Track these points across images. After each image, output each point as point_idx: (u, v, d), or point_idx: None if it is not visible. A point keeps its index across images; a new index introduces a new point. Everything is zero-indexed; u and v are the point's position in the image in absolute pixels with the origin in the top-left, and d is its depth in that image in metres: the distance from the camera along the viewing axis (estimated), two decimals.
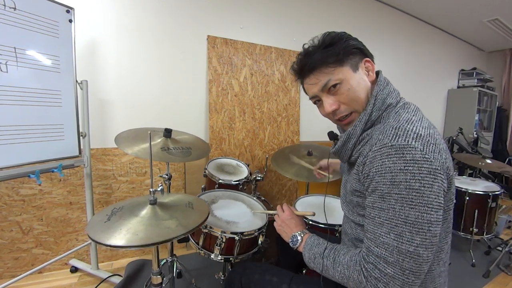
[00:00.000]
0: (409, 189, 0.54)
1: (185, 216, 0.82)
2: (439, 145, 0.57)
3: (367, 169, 0.61)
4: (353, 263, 0.63)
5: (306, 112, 2.50)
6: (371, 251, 0.59)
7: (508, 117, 4.37)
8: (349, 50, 0.68)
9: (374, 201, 0.59)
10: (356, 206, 0.71)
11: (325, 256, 0.70)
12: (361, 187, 0.66)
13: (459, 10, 3.10)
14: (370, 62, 0.72)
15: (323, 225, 1.17)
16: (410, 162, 0.54)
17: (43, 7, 1.18)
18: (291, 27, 2.38)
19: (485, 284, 1.74)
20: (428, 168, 0.53)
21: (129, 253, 1.87)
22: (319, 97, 0.73)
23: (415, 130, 0.57)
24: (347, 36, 0.71)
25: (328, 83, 0.68)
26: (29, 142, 1.16)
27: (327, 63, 0.68)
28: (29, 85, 1.15)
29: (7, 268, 1.54)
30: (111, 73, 1.72)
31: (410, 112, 0.64)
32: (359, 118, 0.69)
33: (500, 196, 1.93)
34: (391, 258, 0.56)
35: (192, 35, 1.95)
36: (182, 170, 1.99)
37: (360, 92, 0.69)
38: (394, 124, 0.60)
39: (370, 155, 0.60)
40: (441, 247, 0.65)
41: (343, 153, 0.74)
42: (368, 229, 0.61)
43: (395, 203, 0.55)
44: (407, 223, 0.54)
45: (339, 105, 0.70)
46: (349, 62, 0.69)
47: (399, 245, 0.55)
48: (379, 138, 0.60)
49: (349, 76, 0.68)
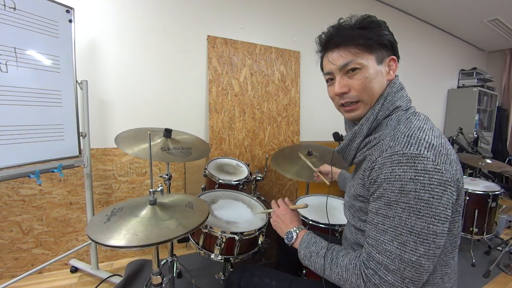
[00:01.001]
0: (418, 199, 0.53)
1: (185, 217, 0.82)
2: (451, 156, 0.57)
3: (375, 174, 0.59)
4: (352, 266, 0.63)
5: (306, 112, 2.50)
6: (372, 257, 0.59)
7: (508, 117, 4.37)
8: (382, 41, 0.66)
9: (379, 207, 0.58)
10: (358, 211, 0.70)
11: (323, 255, 0.70)
12: (366, 192, 0.65)
13: (459, 10, 3.10)
14: (395, 61, 0.71)
15: (324, 225, 1.17)
16: (421, 172, 0.53)
17: (43, 7, 1.18)
18: (291, 27, 2.38)
19: (485, 284, 1.74)
20: (439, 180, 0.52)
21: (129, 253, 1.87)
22: (334, 75, 0.70)
23: (428, 140, 0.56)
24: (385, 26, 0.69)
25: (349, 63, 0.66)
26: (29, 142, 1.16)
27: (356, 43, 0.65)
28: (29, 85, 1.15)
29: (7, 268, 1.54)
30: (111, 73, 1.72)
31: (421, 120, 0.63)
32: (366, 117, 0.68)
33: (500, 196, 1.93)
34: (392, 266, 0.55)
35: (192, 35, 1.95)
36: (182, 170, 1.99)
37: (375, 85, 0.67)
38: (406, 132, 0.59)
39: (380, 161, 0.59)
40: (446, 261, 0.64)
41: (347, 152, 0.73)
42: (370, 235, 0.61)
43: (402, 212, 0.54)
44: (412, 232, 0.54)
45: (349, 89, 0.68)
46: (377, 52, 0.67)
47: (402, 253, 0.54)
48: (390, 144, 0.59)
49: (371, 65, 0.66)
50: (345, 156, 0.75)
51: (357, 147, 0.69)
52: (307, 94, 2.48)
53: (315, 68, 2.79)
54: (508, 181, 3.70)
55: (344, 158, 0.76)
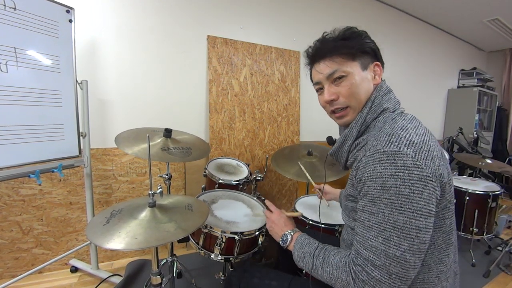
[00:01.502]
0: (399, 194, 0.54)
1: (184, 219, 0.82)
2: (433, 152, 0.58)
3: (360, 173, 0.62)
4: (342, 264, 0.64)
5: (306, 112, 2.50)
6: (360, 253, 0.60)
7: (508, 117, 4.36)
8: (364, 49, 0.71)
9: (364, 204, 0.60)
10: (351, 211, 0.72)
11: (315, 255, 0.71)
12: (355, 192, 0.67)
13: (459, 10, 3.10)
14: (379, 66, 0.74)
15: (324, 225, 1.17)
16: (400, 168, 0.54)
17: (43, 7, 1.18)
18: (291, 27, 2.38)
19: (485, 284, 1.74)
20: (418, 175, 0.54)
21: (129, 253, 1.87)
22: (322, 84, 0.75)
23: (408, 137, 0.58)
24: (366, 35, 0.74)
25: (335, 72, 0.70)
26: (29, 142, 1.16)
27: (339, 53, 0.70)
28: (29, 85, 1.15)
29: (7, 268, 1.54)
30: (111, 73, 1.72)
31: (406, 120, 0.65)
32: (355, 120, 0.71)
33: (500, 196, 1.93)
34: (378, 262, 0.56)
35: (192, 35, 1.95)
36: (182, 170, 1.99)
37: (361, 90, 0.71)
38: (389, 131, 0.61)
39: (364, 160, 0.61)
40: (441, 259, 0.64)
41: (340, 155, 0.76)
42: (357, 232, 0.62)
43: (385, 208, 0.56)
44: (395, 228, 0.55)
45: (338, 97, 0.72)
46: (360, 60, 0.71)
47: (386, 249, 0.55)
48: (373, 144, 0.61)
49: (356, 72, 0.70)
50: (339, 158, 0.78)
51: (348, 149, 0.73)
52: (307, 94, 2.48)
53: None
54: (508, 181, 3.70)
55: (338, 161, 0.79)
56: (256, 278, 0.86)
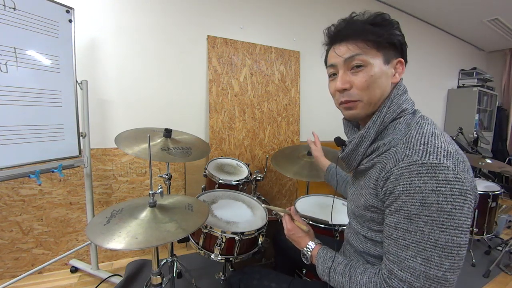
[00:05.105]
0: (441, 211, 0.50)
1: (184, 219, 0.82)
2: (467, 163, 0.55)
3: (391, 186, 0.56)
4: (372, 285, 0.59)
5: (306, 112, 2.50)
6: (394, 274, 0.56)
7: (508, 117, 4.37)
8: (392, 40, 0.64)
9: (398, 221, 0.55)
10: (369, 221, 0.67)
11: (340, 273, 0.67)
12: (379, 204, 0.62)
13: (459, 10, 3.10)
14: (402, 64, 0.67)
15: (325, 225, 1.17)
16: (442, 183, 0.50)
17: (43, 7, 1.18)
18: (291, 27, 2.38)
19: (485, 284, 1.74)
20: (460, 189, 0.50)
21: (129, 253, 1.87)
22: (338, 69, 0.67)
23: (444, 147, 0.54)
24: (397, 26, 0.66)
25: (355, 57, 0.63)
26: (29, 142, 1.16)
27: (365, 38, 0.63)
28: (29, 85, 1.15)
29: (7, 268, 1.54)
30: (111, 73, 1.72)
31: (431, 124, 0.61)
32: (373, 120, 0.64)
33: (500, 196, 1.93)
34: (417, 283, 0.53)
35: (192, 35, 1.95)
36: (182, 170, 1.99)
37: (378, 84, 0.63)
38: (420, 138, 0.56)
39: (396, 171, 0.55)
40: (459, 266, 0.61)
41: (352, 158, 0.69)
42: (390, 251, 0.57)
43: (424, 226, 0.52)
44: (436, 247, 0.51)
45: (351, 86, 0.65)
46: (385, 52, 0.64)
47: (427, 270, 0.52)
48: (406, 153, 0.56)
49: (377, 64, 0.63)
50: (350, 162, 0.71)
51: (364, 152, 0.66)
52: (307, 94, 2.48)
53: (315, 68, 2.79)
54: (508, 181, 3.70)
55: (348, 164, 0.72)
56: (255, 279, 0.85)
